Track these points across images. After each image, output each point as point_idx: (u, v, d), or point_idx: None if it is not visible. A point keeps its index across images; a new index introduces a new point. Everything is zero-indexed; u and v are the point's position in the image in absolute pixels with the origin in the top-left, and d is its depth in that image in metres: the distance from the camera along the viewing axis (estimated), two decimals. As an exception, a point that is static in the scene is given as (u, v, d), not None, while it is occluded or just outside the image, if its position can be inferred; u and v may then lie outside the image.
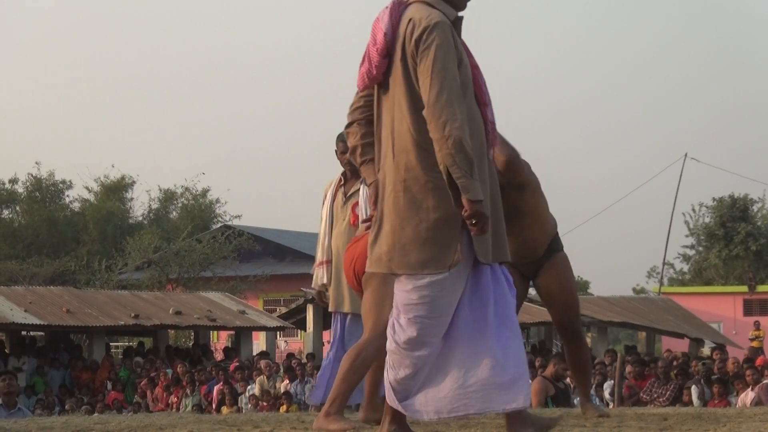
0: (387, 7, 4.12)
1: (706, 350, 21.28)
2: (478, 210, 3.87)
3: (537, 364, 16.01)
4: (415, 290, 4.03)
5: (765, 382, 12.16)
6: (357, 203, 7.24)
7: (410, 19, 4.02)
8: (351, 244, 5.45)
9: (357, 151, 4.32)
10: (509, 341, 4.03)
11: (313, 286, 7.46)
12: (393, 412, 4.23)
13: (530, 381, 4.10)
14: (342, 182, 7.38)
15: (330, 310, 7.24)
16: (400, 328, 4.08)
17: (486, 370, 3.97)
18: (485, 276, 4.08)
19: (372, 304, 5.16)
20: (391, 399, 4.13)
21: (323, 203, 7.45)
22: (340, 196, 7.34)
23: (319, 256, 7.42)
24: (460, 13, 4.17)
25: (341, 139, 7.28)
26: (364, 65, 4.14)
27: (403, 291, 4.07)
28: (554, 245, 5.96)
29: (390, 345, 4.13)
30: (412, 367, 4.06)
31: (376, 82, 4.15)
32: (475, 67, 4.12)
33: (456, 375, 4.01)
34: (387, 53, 4.07)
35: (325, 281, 7.36)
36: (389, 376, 4.13)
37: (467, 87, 4.03)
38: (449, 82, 3.91)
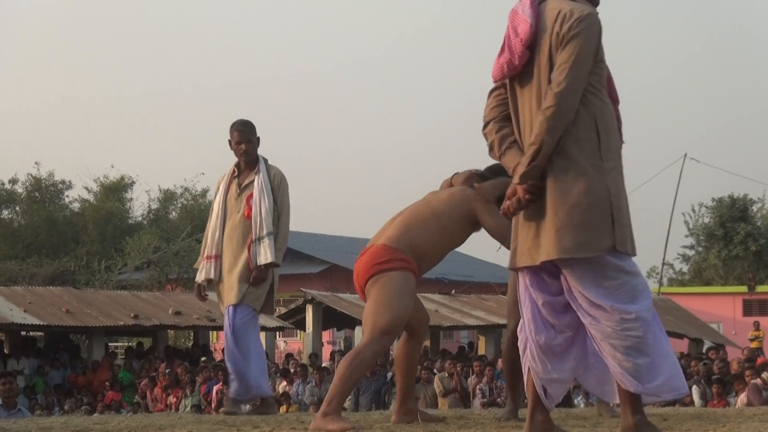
0: (525, 1, 4.18)
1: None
2: (523, 197, 4.09)
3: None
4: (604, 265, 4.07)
5: (753, 382, 12.13)
6: (252, 195, 7.02)
7: (559, 11, 4.10)
8: (359, 256, 5.41)
9: (494, 146, 4.34)
10: None
11: (197, 279, 7.22)
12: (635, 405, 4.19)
13: None
14: (236, 173, 7.13)
15: (226, 305, 7.10)
16: (613, 310, 4.07)
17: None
18: None
19: (371, 310, 5.18)
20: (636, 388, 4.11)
21: (215, 195, 7.22)
22: (233, 188, 7.10)
23: (208, 249, 7.13)
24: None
25: (235, 128, 7.09)
26: (504, 56, 4.19)
27: (573, 273, 4.09)
28: None
29: (627, 332, 4.07)
30: (644, 352, 4.09)
31: (515, 72, 4.20)
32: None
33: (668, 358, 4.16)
34: (531, 44, 4.13)
35: (212, 276, 7.12)
36: (622, 366, 4.08)
37: (603, 82, 4.14)
38: (580, 78, 4.04)
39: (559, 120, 4.01)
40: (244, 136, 7.08)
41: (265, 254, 7.03)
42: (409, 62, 74.83)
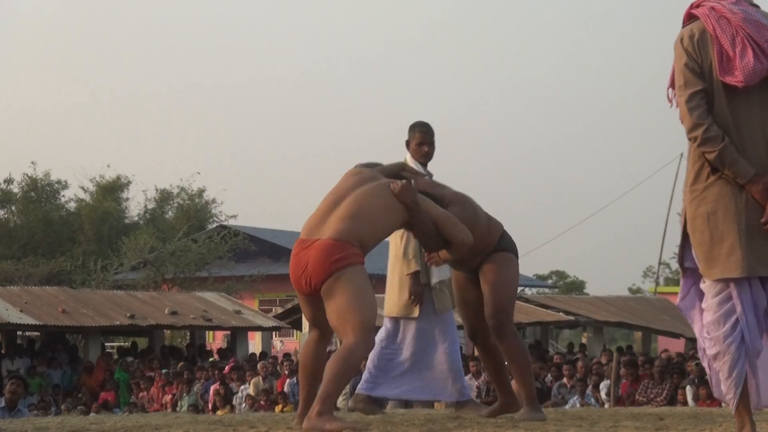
0: (756, 7, 4.30)
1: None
2: None
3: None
4: None
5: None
6: None
7: None
8: (299, 249, 5.23)
9: (724, 152, 4.23)
10: None
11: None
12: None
13: None
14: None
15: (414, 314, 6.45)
16: None
17: None
18: None
19: (347, 308, 5.04)
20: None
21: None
22: None
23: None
24: None
25: (419, 129, 6.68)
26: (760, 62, 4.22)
27: None
28: (499, 245, 5.74)
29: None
30: None
31: (762, 77, 4.23)
32: None
33: None
34: None
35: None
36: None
37: None
38: None
39: None
40: (428, 137, 6.68)
41: None
42: (409, 65, 74.84)
